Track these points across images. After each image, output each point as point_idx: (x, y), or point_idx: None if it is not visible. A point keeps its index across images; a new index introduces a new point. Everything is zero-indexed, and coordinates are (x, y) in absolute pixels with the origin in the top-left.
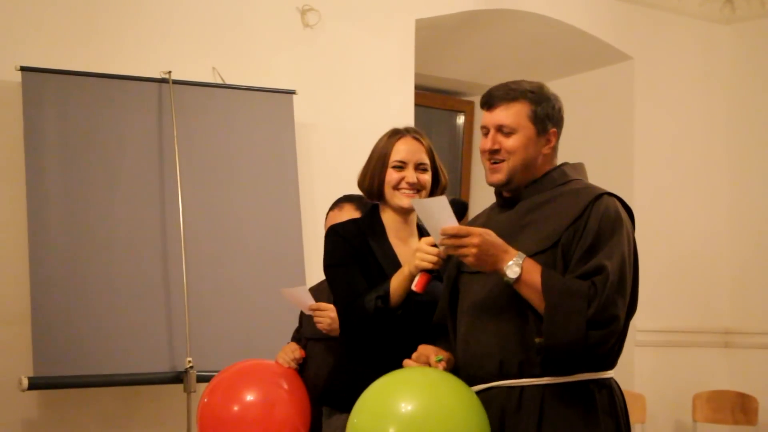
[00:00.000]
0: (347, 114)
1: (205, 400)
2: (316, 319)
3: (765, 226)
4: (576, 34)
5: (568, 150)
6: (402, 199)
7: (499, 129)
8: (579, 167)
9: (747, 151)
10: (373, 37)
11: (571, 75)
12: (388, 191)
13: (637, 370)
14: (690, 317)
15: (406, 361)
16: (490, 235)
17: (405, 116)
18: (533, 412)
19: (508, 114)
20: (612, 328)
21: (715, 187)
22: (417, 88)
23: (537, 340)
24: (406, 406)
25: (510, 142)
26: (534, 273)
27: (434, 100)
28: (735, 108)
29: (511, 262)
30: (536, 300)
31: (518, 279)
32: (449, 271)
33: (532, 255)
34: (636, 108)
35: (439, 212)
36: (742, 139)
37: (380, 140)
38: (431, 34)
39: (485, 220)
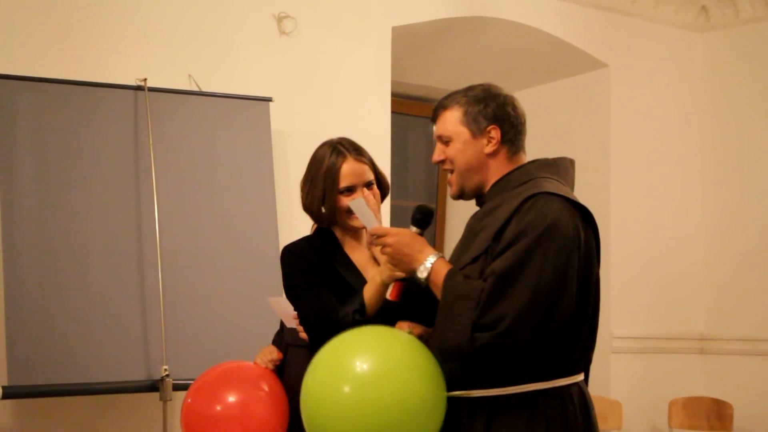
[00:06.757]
0: (324, 121)
1: (189, 400)
2: (302, 333)
3: (740, 232)
4: (552, 42)
5: (544, 156)
6: (355, 221)
7: (440, 139)
8: (552, 163)
9: (722, 158)
10: (350, 45)
11: (547, 82)
12: (340, 217)
13: (614, 377)
14: (666, 324)
15: None
16: (405, 236)
17: (381, 123)
18: (480, 423)
19: (442, 123)
20: (500, 330)
21: (690, 194)
22: (393, 95)
23: None
24: (360, 365)
25: (450, 151)
26: (441, 274)
27: (411, 107)
28: (710, 115)
29: (424, 263)
30: None
31: (427, 279)
32: None
33: (471, 263)
34: (612, 115)
35: (363, 214)
36: (717, 146)
37: (319, 160)
38: (408, 42)
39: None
